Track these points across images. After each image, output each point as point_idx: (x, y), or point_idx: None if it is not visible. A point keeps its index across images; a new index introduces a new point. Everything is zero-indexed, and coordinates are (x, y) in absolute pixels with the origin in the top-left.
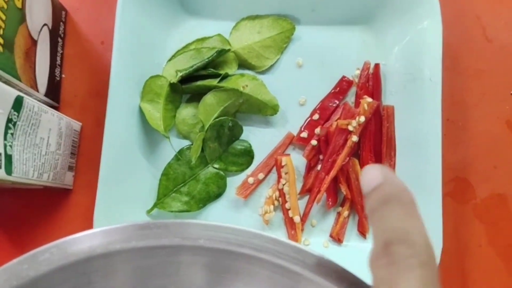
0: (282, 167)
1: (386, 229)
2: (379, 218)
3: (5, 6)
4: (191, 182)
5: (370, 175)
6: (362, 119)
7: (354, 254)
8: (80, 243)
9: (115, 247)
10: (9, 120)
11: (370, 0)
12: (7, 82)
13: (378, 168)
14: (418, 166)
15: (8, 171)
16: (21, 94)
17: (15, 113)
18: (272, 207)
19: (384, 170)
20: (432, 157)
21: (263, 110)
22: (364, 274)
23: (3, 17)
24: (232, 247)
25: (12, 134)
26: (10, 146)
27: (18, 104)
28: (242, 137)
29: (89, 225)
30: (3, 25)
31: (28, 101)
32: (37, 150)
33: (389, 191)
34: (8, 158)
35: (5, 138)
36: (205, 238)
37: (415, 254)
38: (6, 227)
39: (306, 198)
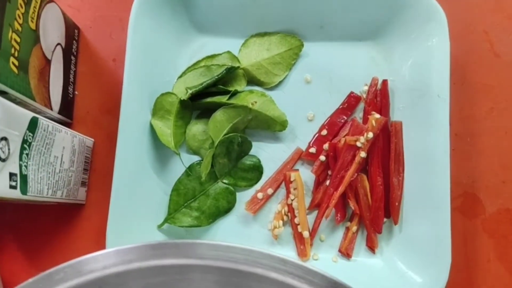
0: (291, 182)
1: None
2: None
3: (20, 29)
4: (201, 197)
5: None
6: (370, 135)
7: (363, 269)
8: (94, 262)
9: (128, 267)
10: (24, 141)
11: (378, 17)
12: (22, 103)
13: None
14: (426, 182)
15: (23, 191)
16: (36, 115)
17: (30, 134)
18: (281, 222)
19: None
20: (441, 172)
21: (272, 126)
22: None
23: (18, 40)
24: (241, 267)
25: (27, 154)
26: (25, 166)
27: (33, 125)
28: (251, 152)
29: (102, 239)
30: (18, 47)
31: (42, 121)
32: (51, 168)
33: None
34: (23, 178)
35: (20, 159)
36: (214, 258)
37: None
38: (20, 241)
39: (315, 213)
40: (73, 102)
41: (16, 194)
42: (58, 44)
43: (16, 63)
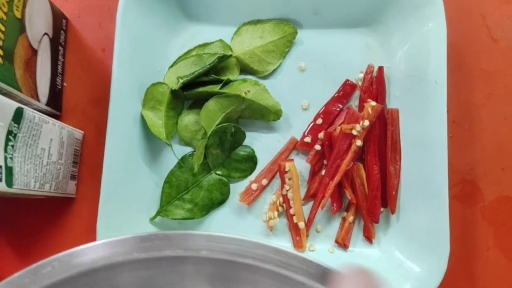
0: (286, 172)
1: None
2: None
3: (5, 17)
4: (194, 189)
5: None
6: (366, 123)
7: (360, 260)
8: (82, 255)
9: (117, 259)
10: (9, 132)
11: (374, 2)
12: (7, 94)
13: None
14: (424, 170)
15: (9, 183)
16: (21, 105)
17: (15, 125)
18: (276, 213)
19: None
20: (438, 160)
21: (266, 116)
22: None
23: (3, 29)
24: (234, 258)
25: (12, 146)
26: (11, 158)
27: (18, 116)
28: (245, 143)
29: (92, 233)
30: (2, 37)
31: (28, 112)
32: (38, 160)
33: None
34: (9, 170)
35: (5, 151)
36: (207, 249)
37: None
38: (8, 236)
39: (311, 203)
40: (61, 93)
41: (1, 186)
42: (45, 34)
43: (1, 52)
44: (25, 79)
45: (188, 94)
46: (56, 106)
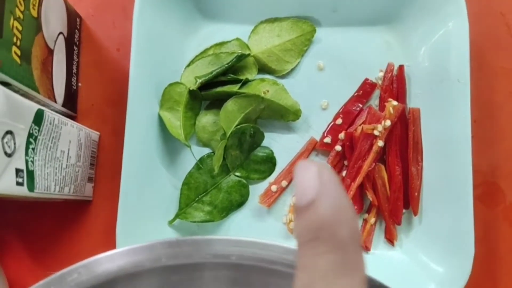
0: None
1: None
2: (304, 263)
3: (21, 16)
4: (213, 191)
5: (303, 181)
6: (388, 123)
7: (383, 262)
8: (108, 262)
9: (144, 266)
10: (30, 135)
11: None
12: (25, 95)
13: (313, 169)
14: (447, 170)
15: (31, 187)
16: (42, 107)
17: (36, 127)
18: None
19: (322, 174)
20: (462, 160)
21: (285, 116)
22: (393, 282)
23: (20, 28)
24: (263, 264)
25: (33, 149)
26: (32, 161)
27: (39, 118)
28: (264, 143)
29: (110, 236)
30: (20, 36)
31: (48, 114)
32: (58, 163)
33: (324, 217)
34: (30, 174)
35: (26, 154)
36: (236, 255)
37: None
38: (25, 241)
39: None
40: (76, 94)
41: (23, 191)
42: (60, 33)
43: (19, 52)
44: (42, 80)
45: (206, 94)
46: (71, 107)
